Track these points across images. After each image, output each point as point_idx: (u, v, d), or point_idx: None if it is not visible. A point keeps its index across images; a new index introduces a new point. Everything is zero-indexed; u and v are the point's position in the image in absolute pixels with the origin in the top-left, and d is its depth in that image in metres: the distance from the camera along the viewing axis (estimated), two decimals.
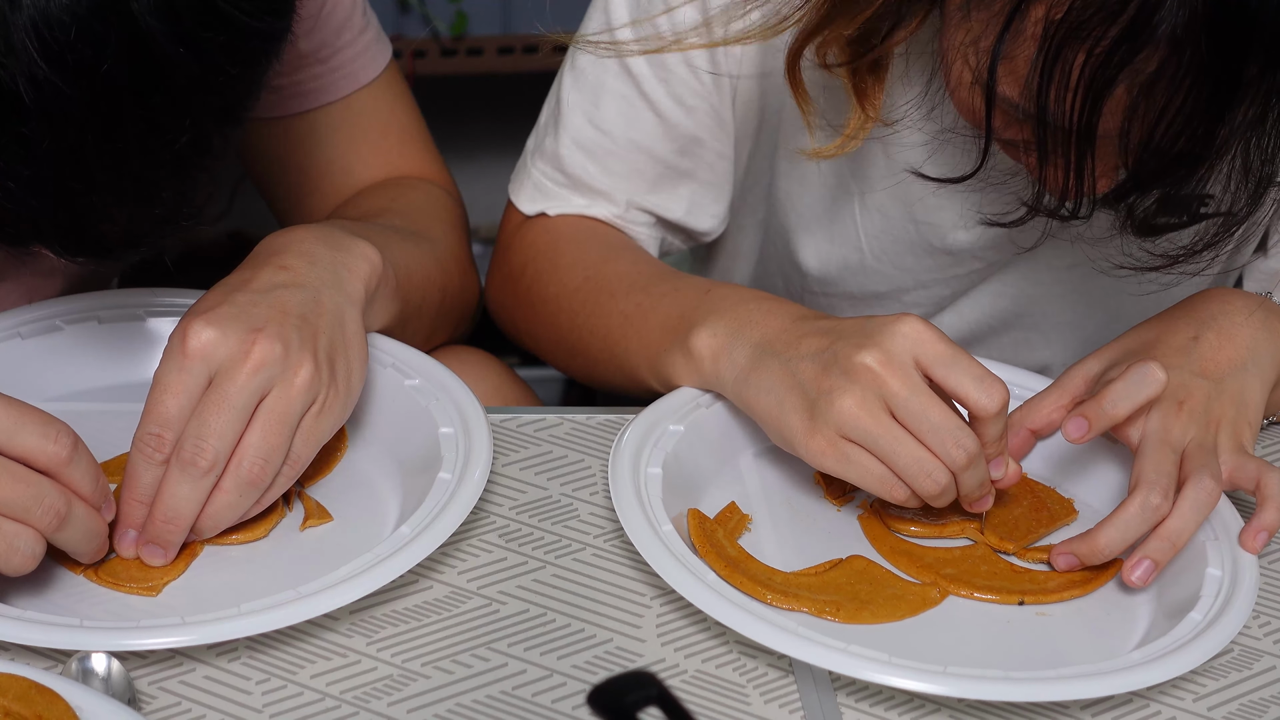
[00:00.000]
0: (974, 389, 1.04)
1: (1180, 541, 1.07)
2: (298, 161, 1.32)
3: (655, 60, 1.25)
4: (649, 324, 1.20)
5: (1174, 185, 1.01)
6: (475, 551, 1.08)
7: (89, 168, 0.92)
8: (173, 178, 0.96)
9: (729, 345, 1.12)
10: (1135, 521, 1.07)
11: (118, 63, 0.88)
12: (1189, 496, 1.07)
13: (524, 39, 2.37)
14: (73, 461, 0.96)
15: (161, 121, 0.92)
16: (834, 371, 1.05)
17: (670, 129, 1.27)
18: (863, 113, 1.14)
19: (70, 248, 0.98)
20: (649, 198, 1.30)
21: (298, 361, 1.03)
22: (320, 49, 1.27)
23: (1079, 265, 1.31)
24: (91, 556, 1.00)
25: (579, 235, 1.30)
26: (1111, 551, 1.07)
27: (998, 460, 1.08)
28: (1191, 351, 1.13)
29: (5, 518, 0.94)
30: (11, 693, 0.89)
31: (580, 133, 1.28)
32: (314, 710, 0.97)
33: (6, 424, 0.95)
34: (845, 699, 1.00)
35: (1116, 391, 1.10)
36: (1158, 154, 0.98)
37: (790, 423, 1.07)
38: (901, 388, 1.04)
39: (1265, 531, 1.09)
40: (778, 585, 1.05)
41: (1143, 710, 1.01)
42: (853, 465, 1.05)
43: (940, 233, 1.29)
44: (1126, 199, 1.02)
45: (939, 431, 1.04)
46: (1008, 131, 1.05)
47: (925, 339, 1.05)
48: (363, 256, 1.11)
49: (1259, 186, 1.02)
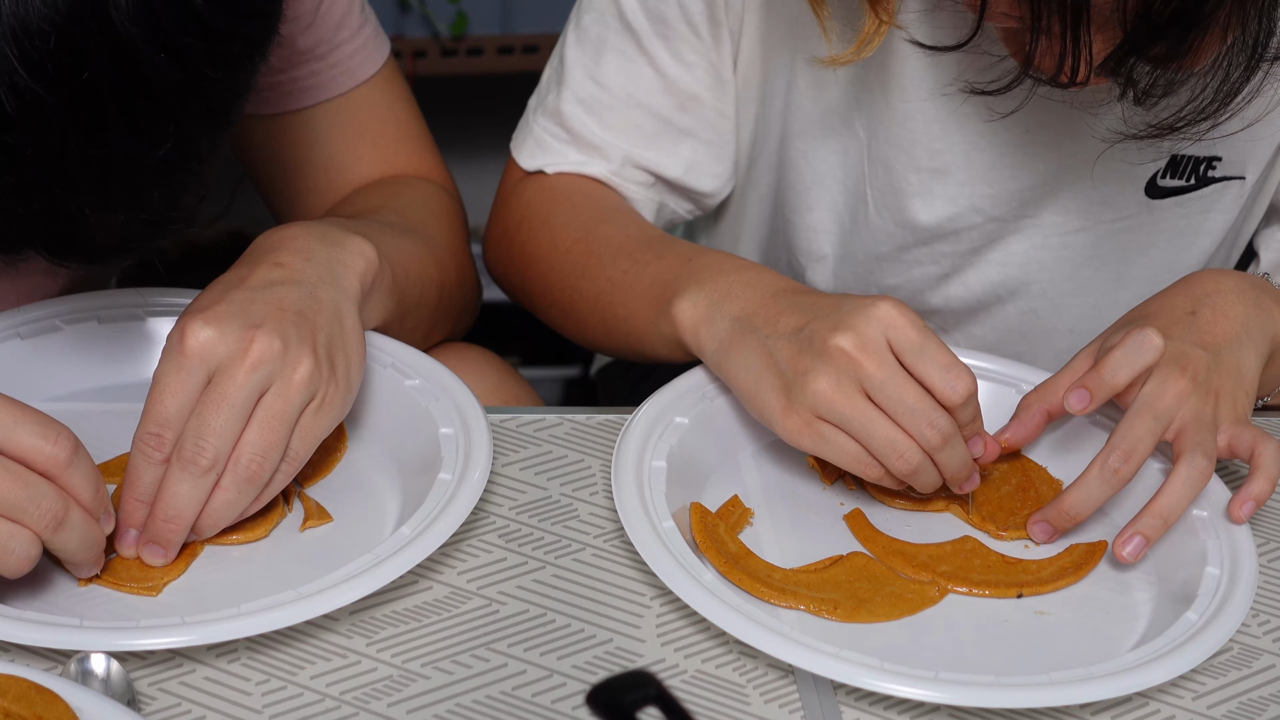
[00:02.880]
0: (940, 378, 1.06)
1: (1171, 518, 1.08)
2: (295, 158, 1.32)
3: (655, 16, 1.27)
4: (634, 291, 1.22)
5: (1170, 49, 1.01)
6: (475, 552, 1.08)
7: (74, 174, 0.91)
8: (160, 182, 0.95)
9: (709, 316, 1.14)
10: (1096, 483, 1.08)
11: (98, 69, 0.88)
12: (1180, 473, 1.08)
13: (524, 39, 2.38)
14: (72, 465, 0.96)
15: (145, 127, 0.91)
16: (809, 353, 1.07)
17: (669, 85, 1.30)
18: (876, 18, 1.15)
19: (59, 253, 0.97)
20: (646, 154, 1.32)
21: (296, 358, 1.03)
22: (318, 45, 1.27)
23: (1087, 229, 1.31)
24: (88, 567, 1.00)
25: (573, 195, 1.32)
26: (1079, 513, 1.09)
27: (974, 439, 1.09)
28: (1190, 324, 1.14)
29: (1, 518, 0.94)
30: (11, 693, 0.89)
31: (581, 88, 1.30)
32: (314, 711, 0.97)
33: (5, 421, 0.94)
34: (845, 699, 1.00)
35: (1115, 360, 1.10)
36: (1153, 16, 0.98)
37: (767, 401, 1.08)
38: (876, 371, 1.05)
39: (1252, 501, 1.10)
40: (777, 582, 1.05)
41: (1142, 709, 1.01)
42: (828, 445, 1.07)
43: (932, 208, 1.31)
44: (1124, 64, 1.03)
45: (913, 413, 1.05)
46: (1001, 19, 1.05)
47: (898, 324, 1.06)
48: (358, 252, 1.11)
49: (1254, 53, 1.03)
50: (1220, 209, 1.31)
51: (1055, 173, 1.29)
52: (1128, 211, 1.31)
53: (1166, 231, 1.32)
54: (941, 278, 1.37)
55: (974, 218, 1.32)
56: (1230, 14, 0.99)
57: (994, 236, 1.33)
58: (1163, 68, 1.03)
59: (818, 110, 1.31)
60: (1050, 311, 1.38)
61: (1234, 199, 1.31)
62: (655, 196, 1.34)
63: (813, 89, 1.30)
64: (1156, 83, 1.04)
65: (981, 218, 1.32)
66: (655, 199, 1.35)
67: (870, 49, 1.16)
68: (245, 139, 1.32)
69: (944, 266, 1.36)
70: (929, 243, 1.34)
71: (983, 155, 1.28)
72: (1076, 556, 1.10)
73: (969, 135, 1.27)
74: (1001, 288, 1.37)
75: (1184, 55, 1.02)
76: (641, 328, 1.21)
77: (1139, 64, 1.03)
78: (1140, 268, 1.34)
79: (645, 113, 1.31)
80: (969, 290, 1.37)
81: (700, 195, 1.36)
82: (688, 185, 1.34)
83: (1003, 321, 1.39)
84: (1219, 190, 1.30)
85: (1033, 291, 1.37)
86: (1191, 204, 1.31)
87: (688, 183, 1.34)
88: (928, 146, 1.28)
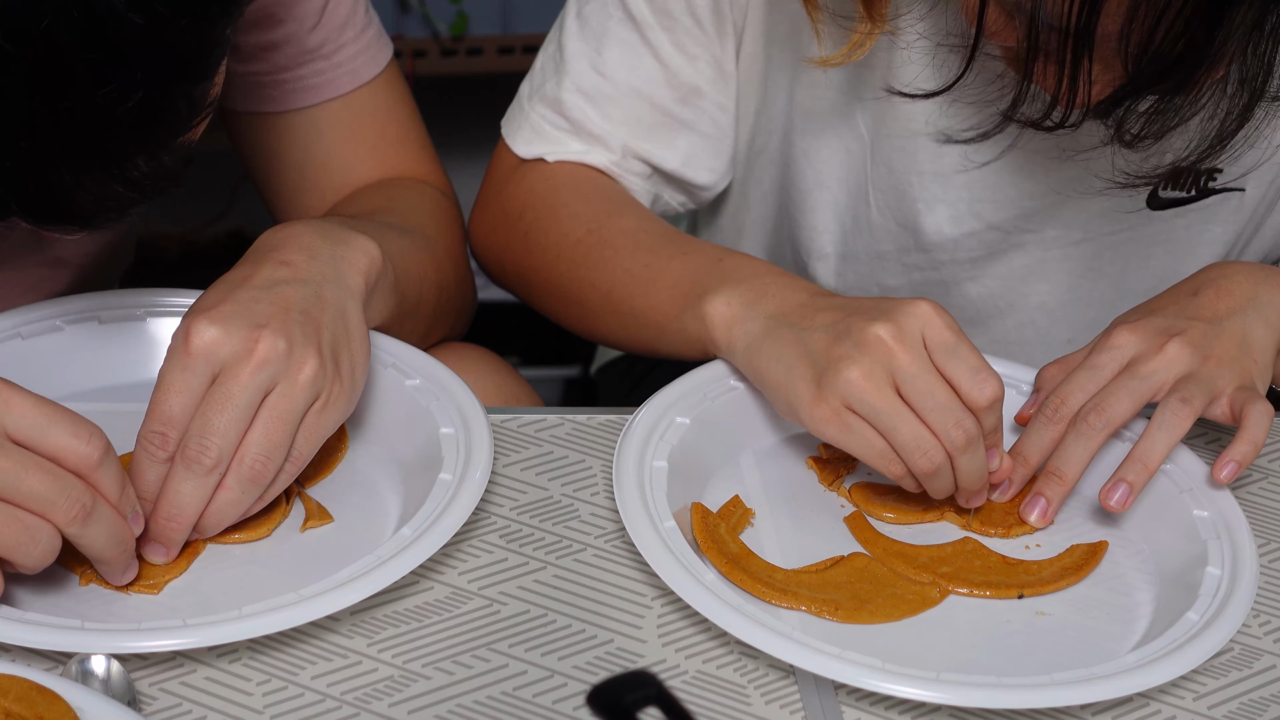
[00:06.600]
0: (969, 379, 1.06)
1: (1152, 462, 1.09)
2: (296, 157, 1.32)
3: (659, 8, 1.27)
4: (658, 285, 1.21)
5: (1170, 91, 1.01)
6: (476, 552, 1.08)
7: (41, 129, 0.89)
8: (135, 138, 0.93)
9: (744, 315, 1.14)
10: (1073, 441, 1.10)
11: (57, 18, 0.86)
12: (1156, 419, 1.10)
13: (524, 39, 2.37)
14: (103, 465, 0.96)
15: (110, 77, 0.89)
16: (846, 342, 1.07)
17: (671, 76, 1.30)
18: (869, 20, 1.15)
19: (39, 215, 0.96)
20: (645, 145, 1.32)
21: (301, 358, 1.03)
22: (323, 45, 1.27)
23: (1088, 240, 1.31)
24: (119, 567, 0.99)
25: (581, 185, 1.31)
26: (1035, 458, 1.12)
27: (993, 451, 1.09)
28: (1189, 303, 1.15)
29: (28, 511, 0.94)
30: (12, 694, 0.89)
31: (582, 78, 1.30)
32: (315, 711, 0.97)
33: (39, 421, 0.94)
34: (846, 700, 1.00)
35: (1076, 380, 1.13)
36: (1156, 58, 0.98)
37: (797, 390, 1.08)
38: (910, 363, 1.05)
39: (1234, 463, 1.10)
40: (777, 583, 1.05)
41: (1143, 709, 1.01)
42: (854, 436, 1.07)
43: (936, 224, 1.31)
44: (1120, 105, 1.03)
45: (941, 411, 1.05)
46: (1001, 35, 1.06)
47: (934, 323, 1.07)
48: (362, 250, 1.11)
49: (1252, 98, 1.03)
50: (1220, 220, 1.31)
51: (1057, 184, 1.29)
52: (1129, 223, 1.31)
53: (1167, 243, 1.32)
54: (940, 284, 1.37)
55: (974, 223, 1.32)
56: (1236, 46, 0.99)
57: (994, 246, 1.33)
58: (1157, 111, 1.03)
59: (821, 109, 1.31)
60: (1049, 322, 1.38)
61: (1233, 211, 1.31)
62: (651, 188, 1.35)
63: (816, 87, 1.30)
64: (1149, 128, 1.04)
65: (982, 224, 1.32)
66: (651, 190, 1.35)
67: (862, 51, 1.16)
68: (246, 137, 1.32)
69: (944, 274, 1.36)
70: (929, 249, 1.34)
71: (980, 158, 1.28)
72: (1077, 557, 1.10)
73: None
74: (1001, 298, 1.37)
75: (1181, 91, 1.01)
76: (661, 322, 1.21)
77: (1134, 106, 1.03)
78: (1139, 279, 1.34)
79: (646, 104, 1.31)
80: (968, 300, 1.37)
81: (696, 188, 1.36)
82: (684, 177, 1.34)
83: (1002, 332, 1.39)
84: (1219, 201, 1.30)
85: (1032, 302, 1.37)
86: (1192, 214, 1.31)
87: (684, 175, 1.34)
88: (930, 149, 1.28)
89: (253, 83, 1.27)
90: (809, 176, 1.35)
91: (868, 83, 1.28)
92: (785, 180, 1.37)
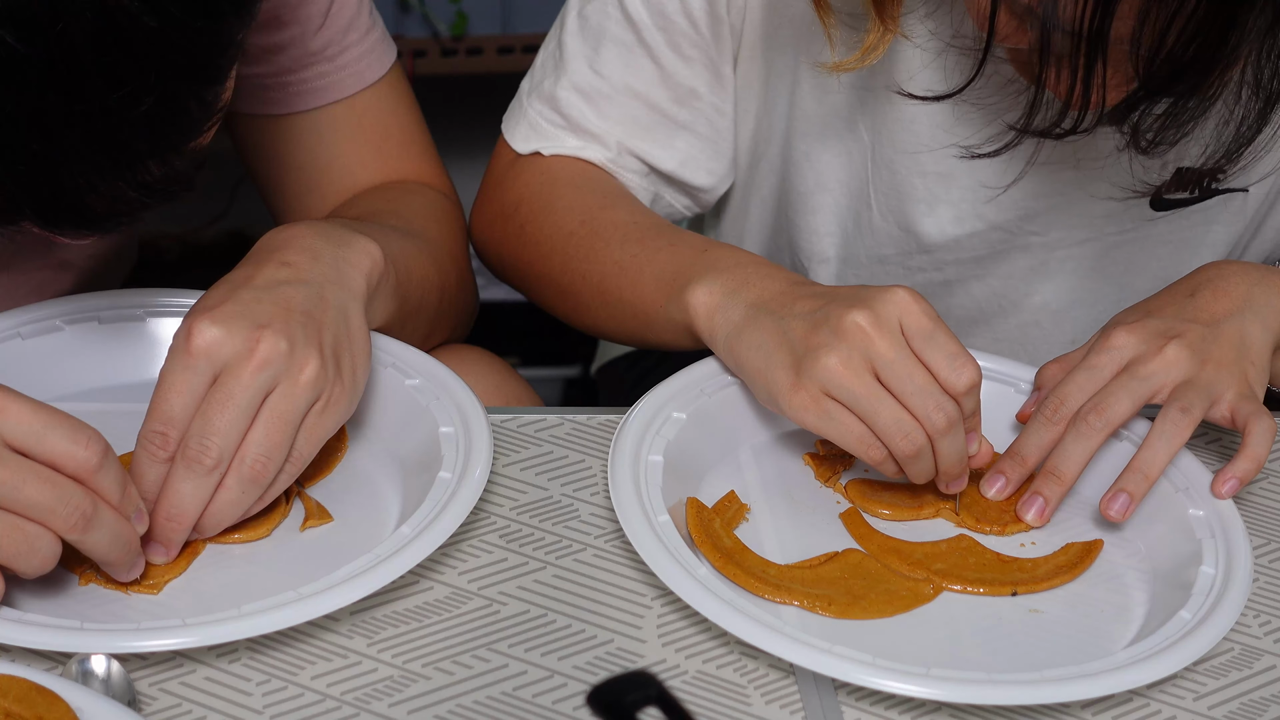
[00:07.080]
0: (946, 365, 1.06)
1: (1152, 472, 1.10)
2: (298, 160, 1.32)
3: (656, 9, 1.28)
4: (644, 276, 1.22)
5: (1183, 95, 1.01)
6: (476, 552, 1.08)
7: (56, 133, 0.90)
8: (148, 143, 0.93)
9: (724, 303, 1.14)
10: (1071, 440, 1.10)
11: (73, 20, 0.86)
12: (1157, 428, 1.10)
13: (524, 39, 2.38)
14: (102, 469, 0.95)
15: (124, 79, 0.89)
16: (824, 329, 1.07)
17: (667, 78, 1.30)
18: (881, 25, 1.15)
19: (51, 220, 0.96)
20: (641, 145, 1.32)
21: (303, 358, 1.03)
22: (327, 47, 1.27)
23: (1091, 240, 1.31)
24: (127, 567, 0.99)
25: (576, 179, 1.32)
26: (1033, 458, 1.12)
27: (972, 435, 1.09)
28: (1186, 304, 1.15)
29: (27, 519, 0.94)
30: (12, 694, 0.89)
31: (579, 77, 1.31)
32: (315, 711, 0.97)
33: (36, 427, 0.94)
34: (846, 699, 1.00)
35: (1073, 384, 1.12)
36: (1169, 59, 0.98)
37: (776, 378, 1.09)
38: (888, 349, 1.06)
39: (1235, 479, 1.11)
40: (771, 578, 1.06)
41: (1143, 709, 1.01)
42: (833, 422, 1.07)
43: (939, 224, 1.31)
44: (1135, 110, 1.03)
45: (921, 394, 1.06)
46: (1012, 38, 1.05)
47: (912, 310, 1.07)
48: (364, 251, 1.11)
49: (1267, 103, 1.03)
50: (1222, 221, 1.31)
51: (1061, 185, 1.28)
52: (1132, 223, 1.31)
53: (1169, 243, 1.32)
54: (944, 284, 1.37)
55: (977, 224, 1.32)
56: (1250, 48, 0.99)
57: (997, 246, 1.33)
58: (1172, 116, 1.02)
59: (822, 112, 1.31)
60: (1051, 323, 1.38)
61: (1235, 212, 1.31)
62: (650, 187, 1.35)
63: (817, 91, 1.30)
64: (1164, 133, 1.04)
65: (984, 225, 1.32)
66: (651, 189, 1.35)
67: (875, 56, 1.16)
68: (250, 139, 1.32)
69: (947, 274, 1.36)
70: (931, 250, 1.34)
71: (987, 162, 1.28)
72: (1072, 555, 1.10)
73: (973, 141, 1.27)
74: (1004, 298, 1.37)
75: (1195, 93, 1.01)
76: (649, 312, 1.21)
77: (1149, 110, 1.02)
78: (1142, 279, 1.34)
79: (642, 104, 1.31)
80: (972, 299, 1.37)
81: (696, 190, 1.36)
82: (682, 179, 1.34)
83: (1004, 332, 1.39)
84: (1221, 202, 1.30)
85: (1035, 302, 1.37)
86: (1194, 215, 1.31)
87: (682, 176, 1.34)
88: (932, 152, 1.28)
89: (257, 85, 1.27)
90: (809, 179, 1.35)
91: (872, 86, 1.28)
92: (786, 184, 1.37)
